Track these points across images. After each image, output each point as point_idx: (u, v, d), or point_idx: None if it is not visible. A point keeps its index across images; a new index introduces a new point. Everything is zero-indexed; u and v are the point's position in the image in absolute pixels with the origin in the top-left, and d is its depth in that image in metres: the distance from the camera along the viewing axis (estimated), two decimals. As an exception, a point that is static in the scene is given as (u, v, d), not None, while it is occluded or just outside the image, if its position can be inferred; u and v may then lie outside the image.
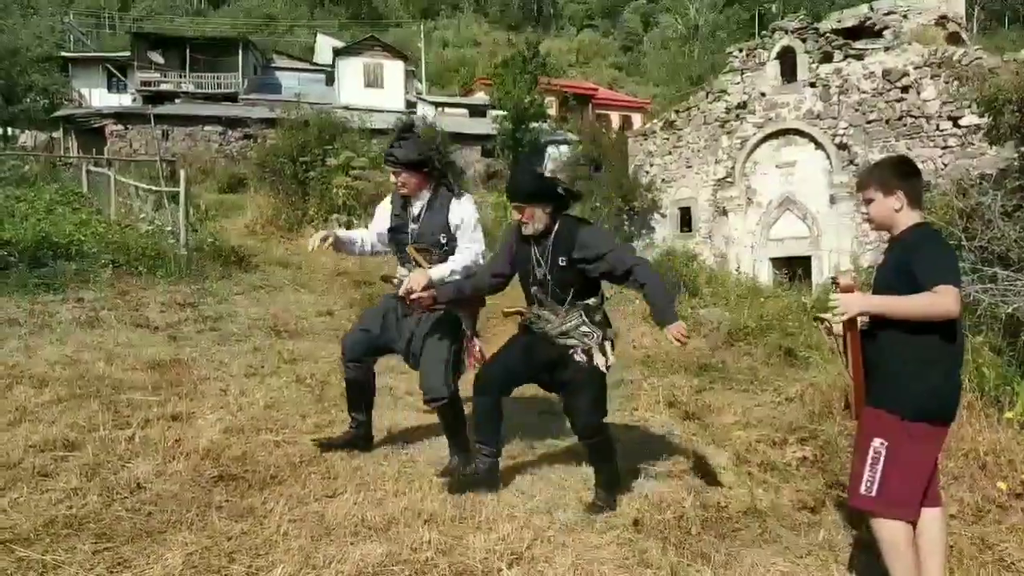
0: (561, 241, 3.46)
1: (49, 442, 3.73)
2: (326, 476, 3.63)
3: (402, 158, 3.71)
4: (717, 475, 4.06)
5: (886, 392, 2.66)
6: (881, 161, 2.97)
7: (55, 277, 8.03)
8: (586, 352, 3.48)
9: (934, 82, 15.17)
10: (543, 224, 3.47)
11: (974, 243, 5.98)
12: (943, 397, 2.65)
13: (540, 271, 3.50)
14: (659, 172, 21.08)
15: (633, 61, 59.64)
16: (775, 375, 6.35)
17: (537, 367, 3.60)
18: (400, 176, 3.75)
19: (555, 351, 3.53)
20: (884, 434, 2.62)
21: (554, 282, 3.48)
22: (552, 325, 3.53)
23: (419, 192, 3.81)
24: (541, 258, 3.50)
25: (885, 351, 2.68)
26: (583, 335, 3.49)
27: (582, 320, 3.50)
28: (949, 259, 2.64)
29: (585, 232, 3.51)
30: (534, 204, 3.44)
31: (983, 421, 4.54)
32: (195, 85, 33.17)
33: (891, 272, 2.73)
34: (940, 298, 2.50)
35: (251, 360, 5.82)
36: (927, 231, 2.74)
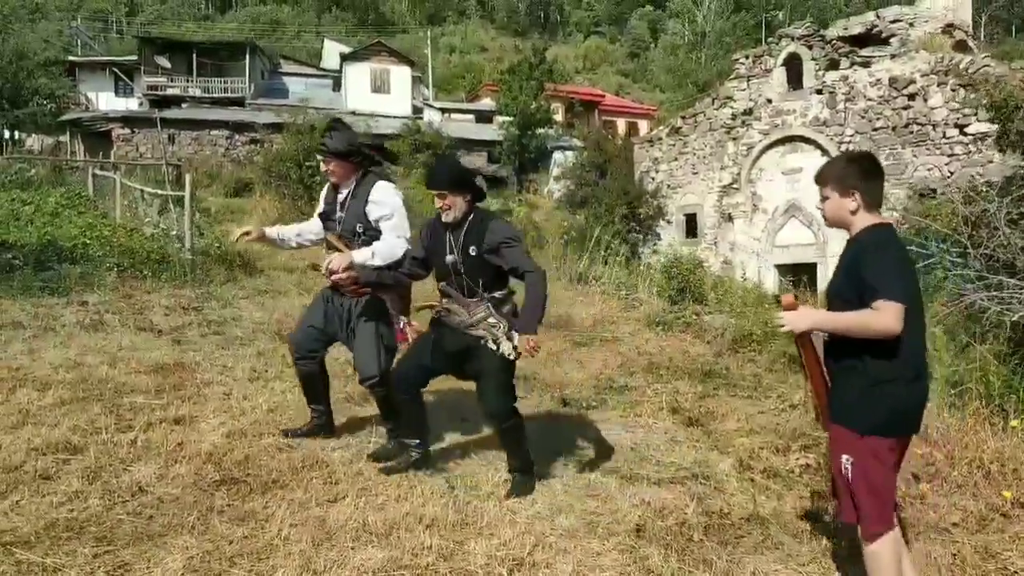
0: (473, 230, 3.64)
1: (51, 445, 3.74)
2: (328, 481, 3.62)
3: (331, 147, 3.95)
4: (720, 482, 4.04)
5: (842, 408, 2.65)
6: (841, 157, 2.90)
7: (60, 280, 8.06)
8: (494, 341, 3.62)
9: (941, 90, 15.15)
10: (461, 212, 3.64)
11: (980, 250, 5.95)
12: (895, 413, 2.58)
13: (451, 258, 3.66)
14: (665, 178, 21.09)
15: (639, 67, 59.74)
16: (779, 382, 6.33)
17: (448, 358, 3.76)
18: (330, 164, 3.98)
19: (464, 341, 3.69)
20: (847, 450, 2.61)
21: (465, 270, 3.64)
22: (461, 318, 3.69)
23: (346, 181, 4.02)
24: (454, 245, 3.66)
25: (839, 366, 2.66)
26: (490, 326, 3.65)
27: (489, 312, 3.66)
28: (896, 270, 2.52)
29: (495, 223, 3.71)
30: (454, 193, 3.62)
31: (988, 429, 4.51)
32: (202, 90, 33.31)
33: (842, 276, 2.67)
34: (880, 316, 2.44)
35: (254, 364, 5.83)
36: (881, 235, 2.62)
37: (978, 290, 5.74)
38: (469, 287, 3.66)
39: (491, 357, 3.63)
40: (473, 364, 3.71)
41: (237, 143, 30.03)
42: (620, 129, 38.75)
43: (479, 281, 3.64)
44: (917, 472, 4.05)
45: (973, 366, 5.40)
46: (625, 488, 3.80)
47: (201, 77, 33.63)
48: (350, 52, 37.20)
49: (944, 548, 3.33)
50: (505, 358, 3.62)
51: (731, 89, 19.47)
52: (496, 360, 3.63)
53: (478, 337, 3.65)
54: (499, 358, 3.62)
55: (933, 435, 4.50)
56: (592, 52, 61.35)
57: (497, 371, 3.65)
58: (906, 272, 2.61)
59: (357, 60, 35.61)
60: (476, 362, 3.69)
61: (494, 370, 3.64)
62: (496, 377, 3.65)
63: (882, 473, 2.59)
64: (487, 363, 3.65)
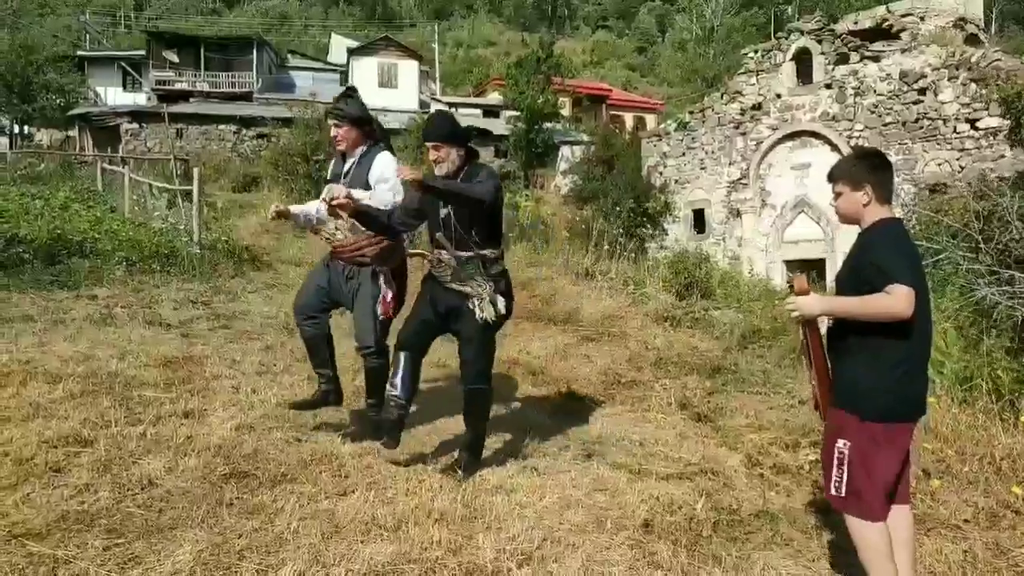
0: (466, 181, 3.74)
1: (62, 438, 3.75)
2: (337, 474, 3.63)
3: (346, 112, 4.09)
4: (729, 477, 4.03)
5: (845, 393, 2.69)
6: (851, 154, 3.00)
7: (69, 274, 8.08)
8: (478, 303, 3.75)
9: (952, 84, 15.03)
10: (455, 165, 3.77)
11: (991, 245, 5.91)
12: (900, 399, 2.62)
13: (444, 211, 3.76)
14: (673, 174, 21.02)
15: (647, 62, 59.52)
16: (788, 377, 6.30)
17: (441, 316, 3.87)
18: (341, 129, 4.09)
19: (453, 300, 3.81)
20: (847, 435, 2.65)
21: (456, 221, 3.73)
22: (451, 272, 3.79)
23: (354, 149, 4.14)
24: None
25: (844, 351, 2.71)
26: (477, 285, 3.77)
27: (478, 269, 3.77)
28: (906, 257, 2.60)
29: (484, 171, 3.85)
30: (449, 145, 3.75)
31: (998, 425, 4.49)
32: (210, 84, 33.38)
33: (851, 267, 2.75)
34: (890, 299, 2.49)
35: (263, 358, 5.84)
36: (891, 227, 2.71)
37: (989, 285, 5.70)
38: (460, 239, 3.75)
39: (473, 320, 3.76)
40: (457, 324, 3.84)
41: (245, 137, 30.09)
42: (628, 124, 38.62)
43: (472, 232, 3.74)
44: (928, 468, 4.03)
45: (983, 361, 5.37)
46: (634, 483, 3.79)
47: (209, 72, 33.70)
48: (357, 46, 37.22)
49: (955, 545, 3.32)
50: (487, 321, 3.75)
51: (740, 84, 19.37)
52: (478, 324, 3.76)
53: (463, 294, 3.77)
54: (481, 322, 3.75)
55: (943, 431, 4.48)
56: (600, 46, 61.17)
57: (479, 331, 3.78)
58: (916, 261, 2.68)
59: (364, 54, 35.62)
60: (459, 323, 3.82)
61: (476, 331, 3.78)
62: (477, 338, 3.79)
63: (880, 460, 2.62)
64: (470, 323, 3.77)
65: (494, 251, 3.85)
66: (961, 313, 5.74)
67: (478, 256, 3.78)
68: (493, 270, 3.82)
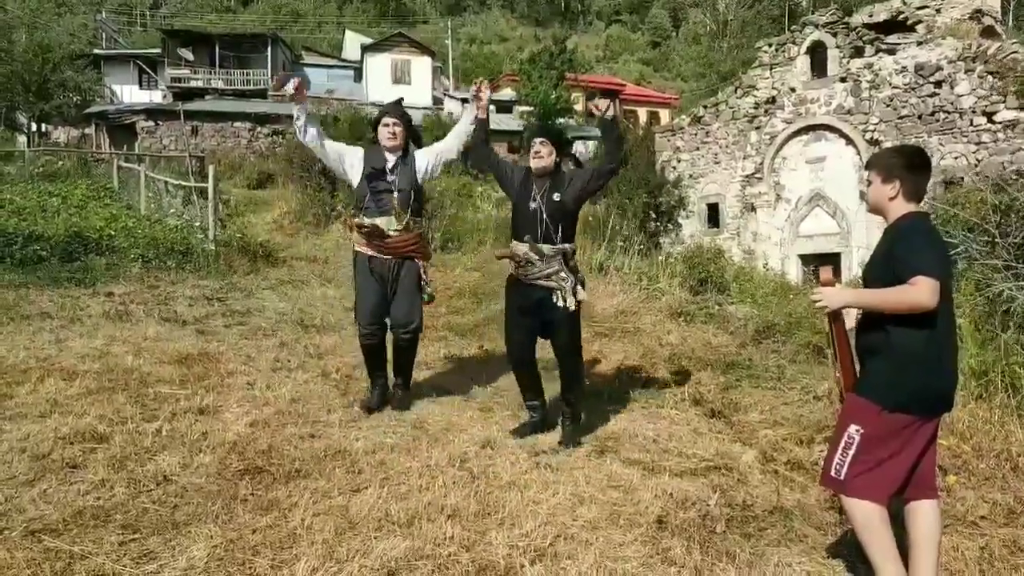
0: (557, 181, 4.20)
1: (78, 434, 3.79)
2: (350, 470, 3.64)
3: (406, 116, 4.68)
4: (743, 473, 4.01)
5: (869, 382, 2.69)
6: (894, 147, 2.99)
7: (86, 271, 8.17)
8: (563, 296, 4.12)
9: (968, 77, 14.86)
10: (550, 164, 4.19)
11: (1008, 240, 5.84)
12: (924, 391, 2.62)
13: (535, 204, 4.14)
14: (686, 168, 20.92)
15: (661, 56, 59.22)
16: (802, 373, 6.25)
17: (532, 317, 4.24)
18: (397, 128, 4.57)
19: (537, 294, 4.17)
20: (861, 421, 2.65)
21: (546, 215, 4.10)
22: (536, 268, 4.13)
23: (398, 150, 4.60)
24: (538, 193, 4.15)
25: (871, 342, 2.70)
26: (561, 279, 4.12)
27: (561, 266, 4.13)
28: (932, 249, 2.60)
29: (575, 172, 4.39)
30: (554, 146, 4.22)
31: (1015, 421, 4.44)
32: (224, 82, 33.58)
33: (878, 260, 2.74)
34: (914, 290, 2.49)
35: (278, 354, 5.87)
36: (917, 221, 2.70)
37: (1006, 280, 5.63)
38: (546, 235, 4.10)
39: (561, 310, 4.13)
40: (546, 316, 4.19)
41: (259, 135, 30.25)
42: (641, 118, 38.49)
43: (558, 227, 4.11)
44: (944, 464, 3.99)
45: (999, 356, 5.31)
46: (647, 479, 3.77)
47: (223, 69, 33.90)
48: (371, 43, 37.28)
49: (972, 541, 3.28)
50: (573, 310, 4.15)
51: (754, 78, 19.24)
52: (566, 313, 4.14)
53: (549, 289, 4.13)
54: (569, 312, 4.13)
55: (960, 427, 4.43)
56: (613, 41, 60.95)
57: (568, 319, 4.17)
58: (942, 253, 2.67)
59: (378, 51, 35.69)
60: (548, 314, 4.18)
61: (565, 318, 4.16)
62: (567, 325, 4.19)
63: (893, 449, 2.63)
64: (559, 313, 4.14)
65: (572, 245, 4.24)
66: (977, 308, 5.67)
67: (561, 251, 4.13)
68: (571, 263, 4.21)
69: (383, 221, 4.50)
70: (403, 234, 4.53)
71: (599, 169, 4.32)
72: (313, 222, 14.66)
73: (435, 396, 5.05)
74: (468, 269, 10.27)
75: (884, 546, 2.64)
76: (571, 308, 4.14)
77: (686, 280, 9.95)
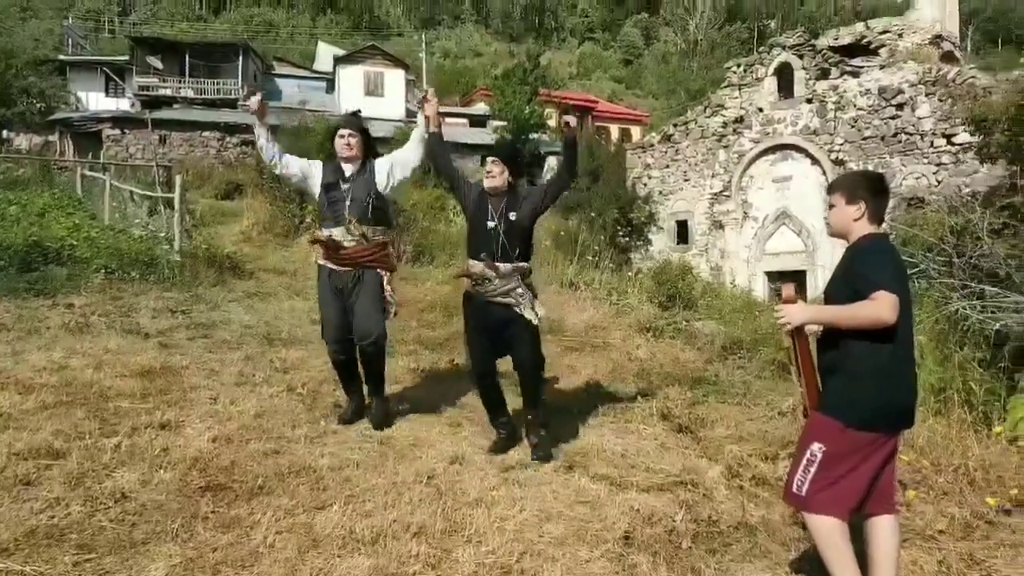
0: (512, 200, 4.23)
1: (33, 450, 3.69)
2: (315, 487, 3.59)
3: (362, 126, 4.63)
4: (709, 489, 4.03)
5: (831, 399, 2.74)
6: (857, 172, 3.11)
7: (46, 282, 7.96)
8: (524, 310, 4.16)
9: (928, 100, 15.27)
10: (503, 184, 4.22)
11: (964, 260, 5.99)
12: (886, 407, 2.68)
13: (492, 224, 4.17)
14: (656, 185, 21.15)
15: (633, 74, 59.88)
16: (768, 389, 6.33)
17: (494, 333, 4.25)
18: (355, 139, 4.53)
19: (497, 314, 4.20)
20: (823, 439, 2.70)
21: (503, 234, 4.14)
22: (494, 286, 4.16)
23: (355, 160, 4.55)
24: (494, 212, 4.19)
25: (832, 359, 2.76)
26: (519, 295, 4.17)
27: (519, 283, 4.18)
28: (890, 268, 2.68)
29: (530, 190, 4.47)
30: (506, 165, 4.24)
31: (972, 436, 4.54)
32: (194, 91, 33.19)
33: (839, 278, 2.82)
34: (874, 306, 2.56)
35: (242, 368, 5.78)
36: (877, 241, 2.79)
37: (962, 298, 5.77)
38: (505, 251, 4.14)
39: (522, 323, 4.17)
40: (507, 333, 4.22)
41: (229, 145, 29.93)
42: (613, 135, 38.86)
43: (515, 247, 4.16)
44: (903, 479, 4.06)
45: (956, 373, 5.43)
46: (614, 495, 3.78)
47: (193, 78, 33.52)
48: (344, 55, 37.15)
49: (930, 555, 3.34)
50: (534, 324, 4.20)
51: (723, 97, 19.56)
52: (528, 328, 4.20)
53: (507, 305, 4.16)
54: (530, 326, 4.19)
55: (919, 442, 4.52)
56: (586, 58, 61.51)
57: (529, 334, 4.22)
58: (901, 272, 2.76)
59: (351, 63, 35.58)
60: (509, 329, 4.21)
61: (527, 334, 4.21)
62: (529, 339, 4.22)
63: (854, 466, 2.67)
64: (520, 329, 4.19)
65: (528, 264, 4.29)
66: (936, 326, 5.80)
67: (518, 269, 4.19)
68: (527, 280, 4.26)
69: (338, 232, 4.46)
70: (359, 245, 4.46)
71: (552, 185, 4.39)
72: (282, 233, 14.50)
73: (403, 411, 5.01)
74: (440, 283, 10.24)
75: (845, 561, 2.68)
76: (533, 322, 4.19)
77: (655, 296, 10.03)
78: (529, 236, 4.32)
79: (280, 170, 4.67)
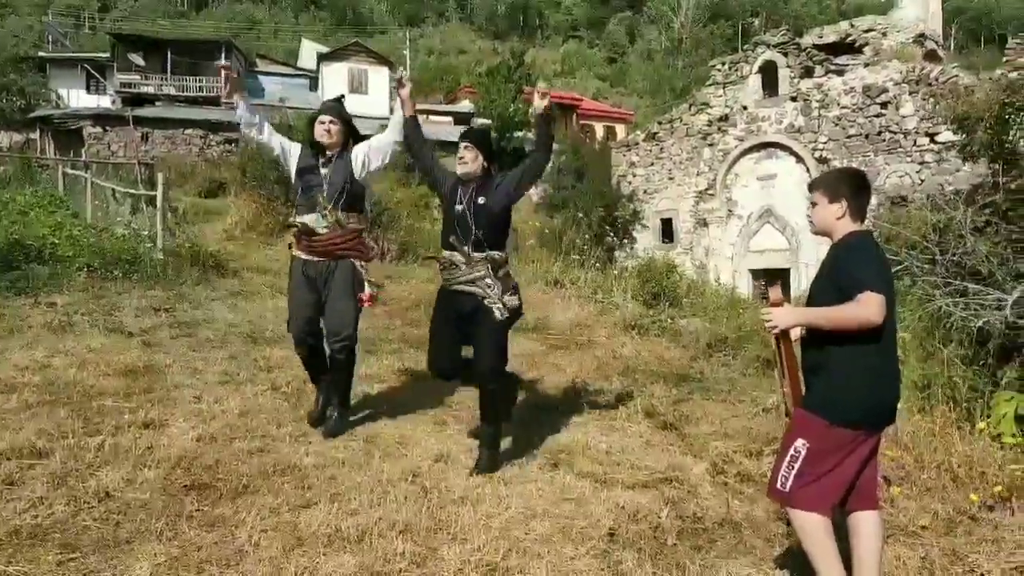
0: (484, 185, 4.08)
1: (16, 450, 3.66)
2: (300, 486, 3.59)
3: (344, 114, 4.44)
4: (693, 486, 4.06)
5: (815, 397, 2.77)
6: (835, 170, 3.11)
7: (28, 280, 7.89)
8: (491, 302, 3.98)
9: (912, 98, 15.40)
10: (478, 169, 4.08)
11: (947, 257, 6.05)
12: (868, 404, 2.71)
13: (460, 207, 4.03)
14: (641, 183, 21.20)
15: (618, 72, 59.94)
16: (752, 386, 6.37)
17: (458, 325, 4.08)
18: (335, 127, 4.34)
19: (466, 304, 4.03)
20: (807, 435, 2.72)
21: (472, 218, 3.99)
22: (461, 272, 4.03)
23: (334, 148, 4.38)
24: (464, 197, 4.05)
25: (817, 358, 2.79)
26: (487, 286, 3.99)
27: (487, 272, 4.00)
28: (875, 266, 2.69)
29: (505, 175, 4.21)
30: (479, 150, 4.09)
31: (955, 433, 4.59)
32: (176, 88, 32.91)
33: (824, 278, 2.83)
34: (862, 307, 2.57)
35: (226, 367, 5.75)
36: (862, 239, 2.80)
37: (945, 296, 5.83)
38: (475, 239, 3.98)
39: (488, 317, 3.97)
40: (472, 325, 4.03)
41: (212, 142, 29.68)
42: (598, 133, 38.90)
43: (483, 233, 3.98)
44: (887, 475, 4.10)
45: (940, 370, 5.49)
46: (599, 492, 3.80)
47: (175, 75, 33.22)
48: (327, 52, 36.96)
49: (913, 551, 3.38)
50: (501, 320, 3.99)
51: (707, 96, 19.63)
52: (492, 321, 3.97)
53: (476, 295, 3.99)
54: (495, 319, 3.97)
55: (903, 438, 4.57)
56: (570, 56, 61.47)
57: (493, 331, 3.99)
58: (885, 271, 2.77)
59: (334, 60, 35.41)
60: (474, 322, 4.01)
61: (490, 330, 3.98)
62: (491, 337, 3.99)
63: (838, 462, 2.70)
64: (485, 323, 3.98)
65: (502, 253, 4.08)
66: (920, 323, 5.87)
67: (488, 258, 4.01)
68: (500, 272, 4.04)
69: (311, 219, 4.31)
70: (333, 232, 4.29)
71: (527, 166, 4.17)
72: (266, 232, 14.41)
73: (388, 409, 5.00)
74: (424, 280, 10.22)
75: (828, 556, 2.70)
76: (498, 316, 3.97)
77: (640, 293, 10.07)
78: (502, 223, 4.11)
79: (260, 136, 4.43)
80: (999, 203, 7.12)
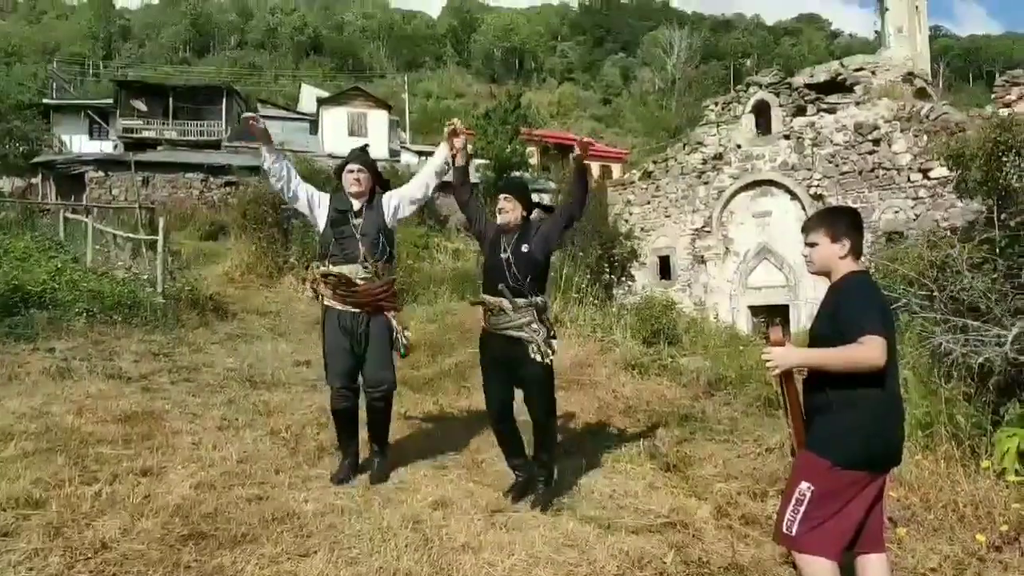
0: (526, 232, 4.25)
1: (11, 499, 3.61)
2: (299, 534, 3.54)
3: (372, 163, 4.54)
4: (698, 529, 4.01)
5: (819, 439, 2.74)
6: (832, 209, 3.13)
7: (27, 326, 7.88)
8: (536, 348, 4.11)
9: (904, 135, 15.59)
10: (516, 219, 4.25)
11: (945, 294, 6.05)
12: (873, 446, 2.69)
13: (505, 256, 4.18)
14: (638, 221, 21.32)
15: (612, 113, 60.77)
16: (755, 425, 6.32)
17: (507, 371, 4.23)
18: (363, 175, 4.41)
19: (512, 351, 4.16)
20: (812, 478, 2.69)
21: (515, 266, 4.14)
22: (508, 319, 4.14)
23: (363, 195, 4.43)
24: (508, 245, 4.20)
25: (820, 399, 2.76)
26: (533, 331, 4.12)
27: (533, 317, 4.14)
28: (876, 307, 2.69)
29: (544, 219, 4.48)
30: (518, 200, 4.27)
31: (960, 472, 4.54)
32: (178, 132, 33.31)
33: (825, 319, 2.82)
34: (864, 349, 2.56)
35: (225, 412, 5.71)
36: (860, 279, 2.81)
37: (945, 332, 5.81)
38: (516, 287, 4.12)
39: (536, 363, 4.11)
40: (520, 372, 4.18)
41: (212, 186, 29.92)
42: (594, 173, 39.24)
43: (527, 279, 4.13)
44: (893, 516, 4.05)
45: (942, 408, 5.45)
46: (603, 537, 3.75)
47: (177, 120, 33.66)
48: (327, 96, 37.48)
49: (922, 594, 3.32)
50: (548, 365, 4.16)
51: (701, 135, 19.87)
52: (540, 366, 4.13)
53: (521, 340, 4.11)
54: (542, 364, 4.12)
55: (908, 478, 4.52)
56: (566, 98, 62.43)
57: (542, 373, 4.16)
58: (885, 311, 2.76)
59: (334, 104, 35.88)
60: (522, 368, 4.15)
61: (540, 373, 4.15)
62: (541, 379, 4.18)
63: (843, 505, 2.67)
64: (532, 368, 4.13)
65: (544, 299, 4.27)
66: (921, 360, 5.84)
67: (532, 303, 4.15)
68: (543, 316, 4.21)
69: (349, 269, 4.30)
70: (372, 282, 4.32)
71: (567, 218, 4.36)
72: (265, 274, 14.45)
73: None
74: (424, 321, 10.21)
75: None
76: (545, 362, 4.12)
77: (639, 332, 10.04)
78: (543, 269, 4.30)
79: (288, 193, 4.48)
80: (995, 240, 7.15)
